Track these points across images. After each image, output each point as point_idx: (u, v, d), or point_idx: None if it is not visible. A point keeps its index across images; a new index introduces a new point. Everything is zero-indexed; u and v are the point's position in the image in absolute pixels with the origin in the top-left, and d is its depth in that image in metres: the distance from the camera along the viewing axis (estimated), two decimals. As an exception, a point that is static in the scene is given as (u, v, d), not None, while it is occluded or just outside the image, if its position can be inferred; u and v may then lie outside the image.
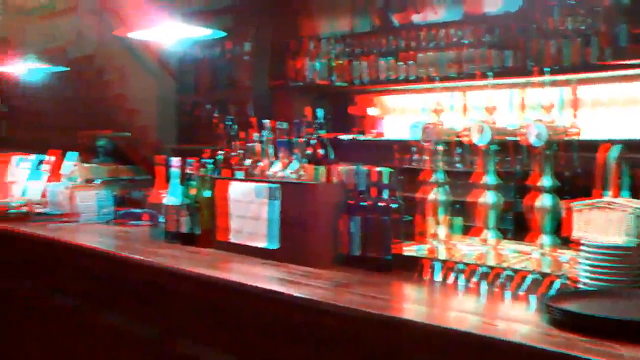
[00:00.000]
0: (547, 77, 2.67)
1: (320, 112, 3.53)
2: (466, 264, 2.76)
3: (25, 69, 7.70)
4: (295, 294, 2.68)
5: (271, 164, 3.55)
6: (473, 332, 2.18)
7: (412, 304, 2.76)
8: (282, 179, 3.40)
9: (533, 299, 2.51)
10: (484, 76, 2.99)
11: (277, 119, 3.70)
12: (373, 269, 3.01)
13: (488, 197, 2.76)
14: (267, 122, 3.64)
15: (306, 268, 3.08)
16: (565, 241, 2.60)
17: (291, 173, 3.41)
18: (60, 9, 11.11)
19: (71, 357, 4.05)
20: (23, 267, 4.55)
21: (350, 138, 7.05)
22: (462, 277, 2.76)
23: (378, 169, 3.06)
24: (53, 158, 5.44)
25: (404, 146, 6.38)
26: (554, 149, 2.61)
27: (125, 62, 9.61)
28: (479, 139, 2.76)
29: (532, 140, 2.60)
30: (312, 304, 2.59)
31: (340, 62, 7.04)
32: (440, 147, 2.95)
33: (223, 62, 8.00)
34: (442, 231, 2.92)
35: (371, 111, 7.38)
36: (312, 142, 3.47)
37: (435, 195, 2.93)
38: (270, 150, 3.59)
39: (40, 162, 5.52)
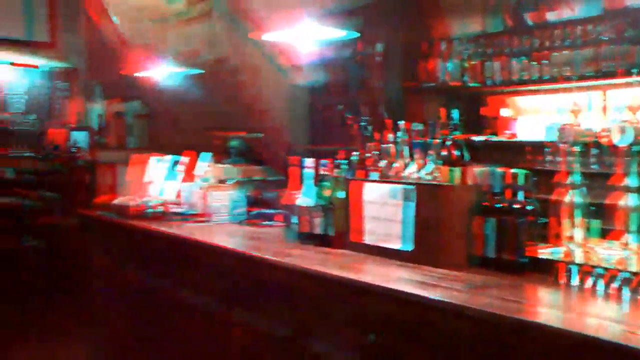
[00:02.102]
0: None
1: (455, 113, 3.50)
2: (605, 269, 2.67)
3: (164, 72, 7.93)
4: (430, 296, 2.66)
5: (406, 165, 3.53)
6: (615, 341, 2.11)
7: (548, 308, 2.69)
8: (417, 181, 3.38)
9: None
10: (626, 74, 2.89)
11: (409, 120, 3.69)
12: (507, 271, 2.96)
13: (629, 200, 2.68)
14: (401, 123, 3.63)
15: (440, 270, 3.06)
16: None
17: (426, 174, 3.39)
18: (195, 14, 11.39)
19: (205, 353, 4.13)
20: (160, 265, 4.67)
21: (483, 139, 6.96)
22: (600, 282, 2.68)
23: (513, 170, 3.02)
24: (187, 159, 5.56)
25: (537, 147, 6.31)
26: None
27: (258, 63, 9.76)
28: (620, 140, 2.67)
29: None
30: (446, 306, 2.57)
31: (473, 62, 6.96)
32: (576, 149, 2.87)
33: (354, 63, 8.02)
34: (578, 234, 2.85)
35: (504, 112, 7.27)
36: (447, 143, 3.43)
37: (572, 197, 2.86)
38: (405, 152, 3.58)
39: (176, 162, 5.64)
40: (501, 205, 3.02)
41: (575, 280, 2.75)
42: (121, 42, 10.64)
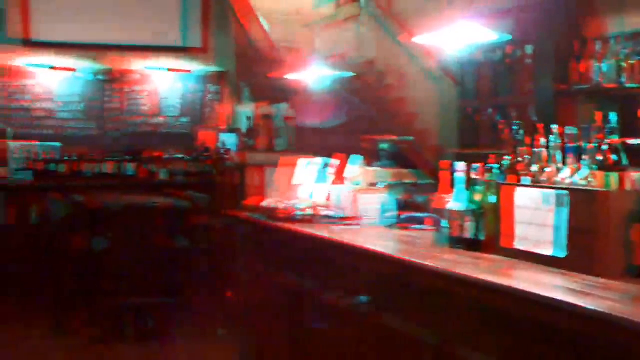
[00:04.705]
0: None
1: (612, 116, 3.39)
2: None
3: (313, 75, 8.02)
4: (584, 305, 2.58)
5: (559, 170, 3.46)
6: None
7: None
8: (570, 186, 3.30)
9: None
10: None
11: (560, 123, 3.60)
12: (671, 284, 2.85)
13: None
14: (554, 127, 3.55)
15: (595, 278, 2.97)
16: None
17: (580, 180, 3.31)
18: (343, 17, 11.50)
19: (353, 356, 4.14)
20: (309, 267, 4.72)
21: (641, 143, 6.72)
22: None
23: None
24: (338, 162, 5.58)
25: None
26: None
27: (406, 66, 9.76)
28: None
29: None
30: (602, 317, 2.48)
31: (631, 62, 6.72)
32: None
33: (504, 66, 7.90)
34: None
35: (666, 113, 6.99)
36: (603, 147, 3.33)
37: None
38: (558, 156, 3.50)
39: (326, 165, 5.67)
40: (663, 213, 2.90)
41: None
42: (270, 46, 10.85)
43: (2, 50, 10.59)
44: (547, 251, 3.26)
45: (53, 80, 10.86)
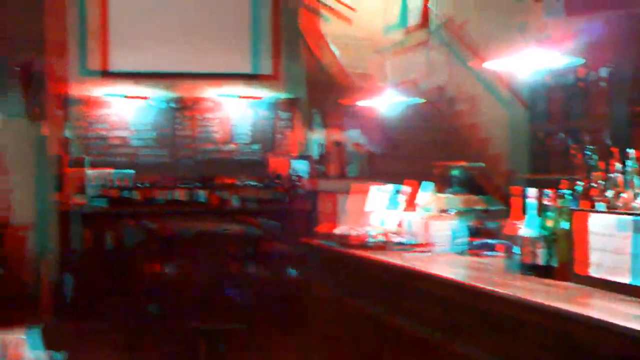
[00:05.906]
0: None
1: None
2: None
3: (384, 102, 8.02)
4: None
5: (635, 195, 3.39)
6: None
7: None
8: (647, 212, 3.24)
9: None
10: None
11: (637, 147, 3.53)
12: None
13: None
14: (631, 151, 3.48)
15: (674, 308, 2.91)
16: None
17: (658, 206, 3.24)
18: (413, 43, 11.52)
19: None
20: (381, 294, 4.70)
21: None
22: None
23: None
24: (409, 188, 5.58)
25: None
26: None
27: (476, 91, 9.70)
28: None
29: None
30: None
31: None
32: None
33: (577, 89, 7.80)
34: None
35: None
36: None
37: None
38: (636, 182, 3.43)
39: (397, 192, 5.67)
40: None
41: None
42: (340, 72, 10.89)
43: (82, 81, 10.89)
44: (625, 279, 3.19)
45: (127, 108, 11.08)
